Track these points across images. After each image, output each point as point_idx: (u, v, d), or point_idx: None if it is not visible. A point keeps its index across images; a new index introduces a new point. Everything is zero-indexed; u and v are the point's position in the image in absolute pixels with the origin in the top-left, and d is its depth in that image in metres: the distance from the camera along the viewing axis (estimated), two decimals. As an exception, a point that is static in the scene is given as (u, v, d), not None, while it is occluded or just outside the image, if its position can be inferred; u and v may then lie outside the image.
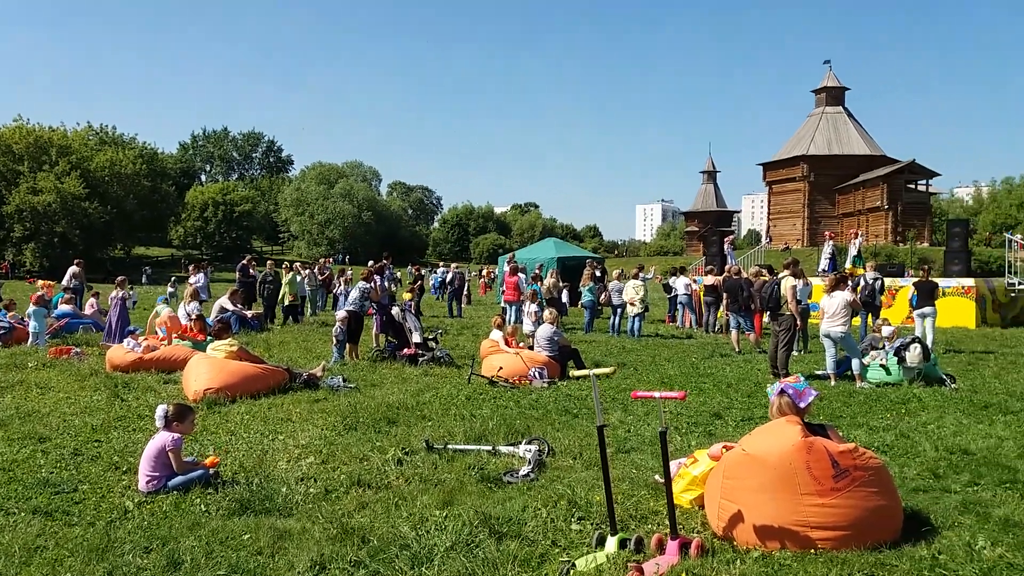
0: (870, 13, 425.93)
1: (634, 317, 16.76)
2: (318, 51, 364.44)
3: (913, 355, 10.15)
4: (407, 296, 16.68)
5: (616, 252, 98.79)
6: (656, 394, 4.46)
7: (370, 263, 18.88)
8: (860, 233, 25.60)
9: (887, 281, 17.89)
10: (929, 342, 12.78)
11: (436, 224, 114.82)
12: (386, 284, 16.76)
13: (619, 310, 17.45)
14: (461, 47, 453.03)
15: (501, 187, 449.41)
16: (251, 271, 20.06)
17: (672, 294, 20.14)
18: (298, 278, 18.91)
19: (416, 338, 12.07)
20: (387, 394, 9.27)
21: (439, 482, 5.65)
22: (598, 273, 19.56)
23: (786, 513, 4.25)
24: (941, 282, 18.89)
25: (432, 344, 12.22)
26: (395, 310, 12.51)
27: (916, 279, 14.93)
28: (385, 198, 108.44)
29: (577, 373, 5.48)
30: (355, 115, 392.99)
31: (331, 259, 41.22)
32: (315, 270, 22.17)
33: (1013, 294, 19.95)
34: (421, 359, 11.64)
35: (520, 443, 6.51)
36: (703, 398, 9.31)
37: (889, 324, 11.85)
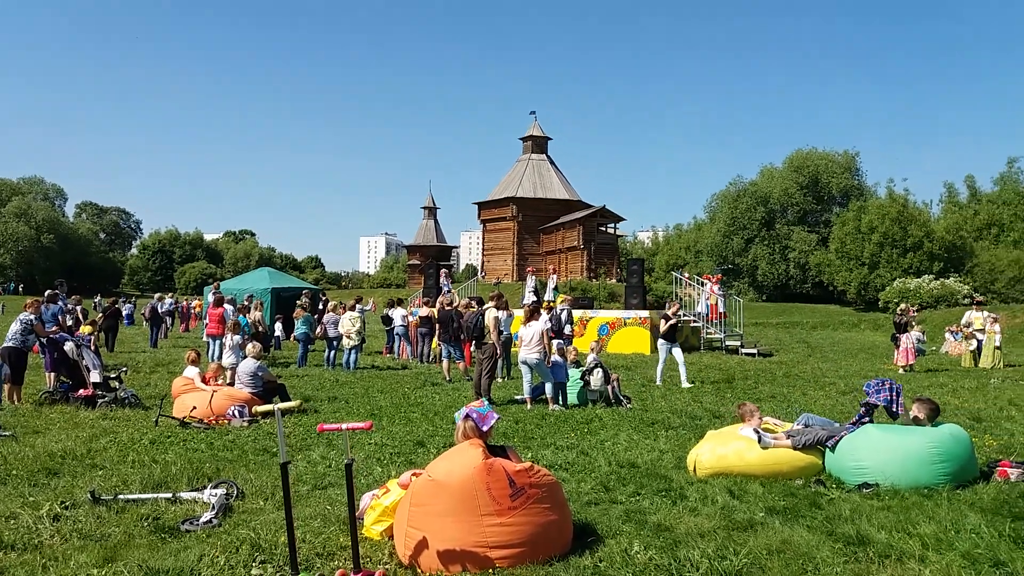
0: (568, 71, 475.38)
1: (350, 350, 16.56)
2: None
3: (596, 379, 11.27)
4: (86, 330, 14.76)
5: (340, 284, 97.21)
6: (343, 426, 4.40)
7: (47, 292, 16.51)
8: (556, 270, 28.01)
9: (578, 313, 19.73)
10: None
11: (135, 250, 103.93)
12: (59, 316, 14.72)
13: (335, 342, 17.14)
14: (173, 61, 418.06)
15: (213, 212, 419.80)
16: None
17: (390, 325, 20.31)
18: None
19: (95, 377, 10.71)
20: (51, 442, 8.08)
21: (103, 537, 5.01)
22: (306, 302, 19.03)
23: (467, 535, 4.40)
24: (622, 314, 21.38)
25: (115, 384, 10.92)
26: (68, 346, 10.99)
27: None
28: (72, 220, 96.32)
29: (260, 409, 5.22)
30: (37, 124, 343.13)
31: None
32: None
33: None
34: (100, 401, 10.34)
35: (205, 487, 6.02)
36: (410, 427, 9.41)
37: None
